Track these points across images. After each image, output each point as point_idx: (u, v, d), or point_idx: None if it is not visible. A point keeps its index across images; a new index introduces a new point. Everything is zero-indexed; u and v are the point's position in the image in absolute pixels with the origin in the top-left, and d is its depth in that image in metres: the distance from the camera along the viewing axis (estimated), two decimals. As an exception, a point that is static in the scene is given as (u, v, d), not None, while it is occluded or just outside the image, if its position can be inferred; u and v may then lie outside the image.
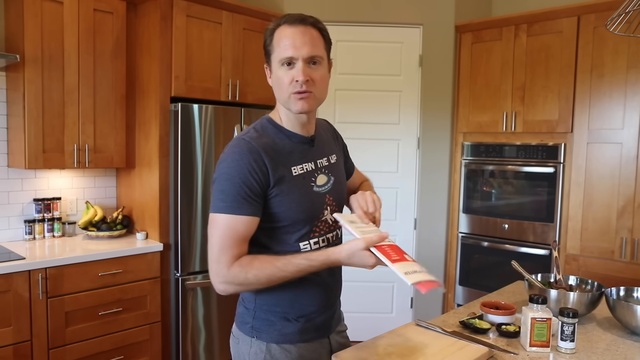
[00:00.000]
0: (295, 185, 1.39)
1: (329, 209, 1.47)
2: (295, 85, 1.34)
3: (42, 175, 3.20)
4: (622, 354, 1.53)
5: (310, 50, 1.34)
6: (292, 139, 1.44)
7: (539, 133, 3.47)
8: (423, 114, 3.87)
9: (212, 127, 3.21)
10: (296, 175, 1.40)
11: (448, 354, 1.42)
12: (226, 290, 1.35)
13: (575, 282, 2.00)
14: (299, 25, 1.35)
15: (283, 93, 1.37)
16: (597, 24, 3.17)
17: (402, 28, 3.84)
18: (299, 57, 1.33)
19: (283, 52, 1.34)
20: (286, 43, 1.34)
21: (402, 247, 1.38)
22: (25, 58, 2.78)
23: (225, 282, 1.34)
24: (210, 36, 3.28)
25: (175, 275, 3.18)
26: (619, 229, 3.12)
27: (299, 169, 1.41)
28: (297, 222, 1.40)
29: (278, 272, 1.32)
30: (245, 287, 1.37)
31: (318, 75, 1.37)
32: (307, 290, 1.45)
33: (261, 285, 1.35)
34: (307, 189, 1.41)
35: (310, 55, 1.34)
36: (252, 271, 1.32)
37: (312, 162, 1.46)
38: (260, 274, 1.32)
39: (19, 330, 2.57)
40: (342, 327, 1.63)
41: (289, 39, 1.34)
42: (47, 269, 2.64)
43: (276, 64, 1.37)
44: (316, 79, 1.36)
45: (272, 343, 1.44)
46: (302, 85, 1.33)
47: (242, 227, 1.33)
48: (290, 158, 1.41)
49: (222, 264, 1.33)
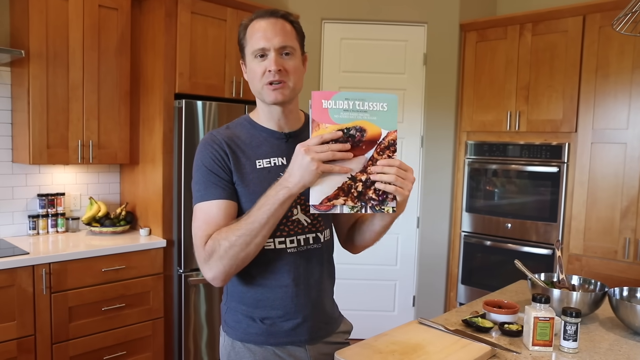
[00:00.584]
0: (257, 177, 1.37)
1: (299, 207, 1.40)
2: (268, 76, 1.33)
3: (46, 170, 3.21)
4: (624, 354, 1.53)
5: (282, 40, 1.34)
6: (263, 133, 1.43)
7: (543, 132, 3.47)
8: (427, 112, 3.87)
9: (215, 124, 3.22)
10: (260, 168, 1.38)
11: (451, 352, 1.42)
12: (213, 273, 1.29)
13: (578, 282, 2.00)
14: (270, 17, 1.36)
15: (256, 84, 1.37)
16: (603, 24, 3.16)
17: (406, 26, 3.83)
18: (271, 47, 1.33)
19: (255, 44, 1.34)
20: (258, 35, 1.34)
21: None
22: (30, 54, 2.79)
23: (206, 262, 1.29)
24: (214, 33, 3.28)
25: (178, 271, 3.19)
26: (622, 229, 3.12)
27: (264, 162, 1.39)
28: None
29: (245, 224, 1.25)
30: (224, 258, 1.27)
31: (291, 65, 1.35)
32: (271, 294, 1.41)
33: (239, 247, 1.25)
34: (270, 183, 1.28)
35: (282, 45, 1.34)
36: (220, 236, 1.27)
37: (284, 158, 1.40)
38: (228, 234, 1.26)
39: (23, 325, 2.58)
40: (335, 337, 1.53)
41: (260, 31, 1.34)
42: (50, 264, 2.65)
43: (249, 56, 1.37)
44: (289, 69, 1.35)
45: (237, 340, 1.44)
46: (274, 74, 1.32)
47: (215, 211, 1.32)
48: (257, 151, 1.40)
49: (200, 247, 1.31)
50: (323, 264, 1.48)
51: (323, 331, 1.49)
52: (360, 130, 1.23)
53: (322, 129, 1.22)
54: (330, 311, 1.53)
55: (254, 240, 1.26)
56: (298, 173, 1.20)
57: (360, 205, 1.23)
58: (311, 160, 1.17)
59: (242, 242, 1.25)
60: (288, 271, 1.40)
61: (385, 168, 1.21)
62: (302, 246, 1.42)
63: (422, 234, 3.93)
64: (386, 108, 1.23)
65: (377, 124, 1.23)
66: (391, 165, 1.21)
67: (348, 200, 1.23)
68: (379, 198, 1.23)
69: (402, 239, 3.93)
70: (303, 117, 1.52)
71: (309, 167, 1.18)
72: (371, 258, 3.86)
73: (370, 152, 1.23)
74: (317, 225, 1.44)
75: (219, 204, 1.33)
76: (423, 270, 3.95)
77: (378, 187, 1.22)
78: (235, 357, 1.44)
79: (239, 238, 1.25)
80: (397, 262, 3.97)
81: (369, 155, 1.23)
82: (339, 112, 1.23)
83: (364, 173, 1.23)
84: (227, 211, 1.33)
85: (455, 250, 3.93)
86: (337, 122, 1.23)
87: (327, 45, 3.83)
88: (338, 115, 1.23)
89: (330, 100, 1.22)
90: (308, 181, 1.19)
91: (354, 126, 1.22)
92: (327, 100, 1.22)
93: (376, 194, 1.23)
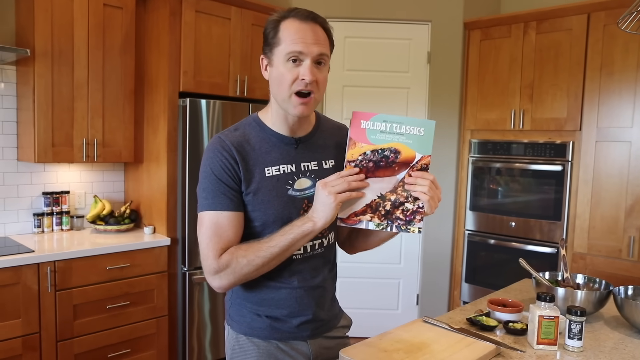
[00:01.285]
0: (266, 186, 1.34)
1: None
2: (299, 84, 1.28)
3: (51, 169, 3.22)
4: (630, 353, 1.53)
5: (320, 50, 1.28)
6: (273, 138, 1.39)
7: (547, 131, 3.46)
8: (431, 111, 3.87)
9: (220, 123, 3.22)
10: (269, 176, 1.35)
11: (455, 351, 1.42)
12: (221, 283, 1.32)
13: (582, 281, 2.00)
14: (310, 22, 1.29)
15: (283, 90, 1.30)
16: (607, 22, 3.15)
17: (410, 25, 3.83)
18: (309, 54, 1.27)
19: (292, 46, 1.27)
20: (295, 37, 1.27)
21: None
22: (35, 52, 2.79)
23: (217, 273, 1.31)
24: (219, 32, 3.28)
25: (182, 269, 3.20)
26: (627, 227, 3.11)
27: (273, 169, 1.36)
28: (267, 225, 1.35)
29: (265, 245, 1.28)
30: (237, 272, 1.30)
31: (322, 77, 1.31)
32: (276, 294, 1.41)
33: (254, 267, 1.29)
34: (280, 192, 1.35)
35: (320, 53, 1.28)
36: (239, 252, 1.29)
37: (294, 165, 1.39)
38: (247, 253, 1.29)
39: (28, 323, 2.59)
40: (335, 332, 1.55)
41: (299, 33, 1.27)
42: (55, 262, 2.66)
43: (281, 57, 1.29)
44: (320, 81, 1.30)
45: (242, 334, 1.45)
46: (307, 84, 1.27)
47: (226, 223, 1.31)
48: (267, 158, 1.36)
49: (211, 258, 1.31)
50: (327, 266, 1.50)
51: (324, 327, 1.51)
52: (394, 151, 1.29)
53: (357, 147, 1.30)
54: (332, 308, 1.55)
55: (270, 262, 1.31)
56: (321, 209, 1.26)
57: (386, 224, 1.30)
58: (328, 194, 1.25)
59: (260, 262, 1.30)
60: (294, 275, 1.41)
61: (419, 180, 1.28)
62: (308, 252, 1.42)
63: (426, 233, 3.93)
64: (422, 133, 1.29)
65: (412, 147, 1.29)
66: (425, 179, 1.28)
67: (375, 218, 1.30)
68: (406, 218, 1.31)
69: (406, 238, 3.93)
70: (314, 118, 1.48)
71: (327, 202, 1.25)
72: (375, 256, 3.85)
73: (402, 173, 1.30)
74: (323, 231, 1.43)
75: (229, 216, 1.32)
76: (427, 268, 3.95)
77: (408, 189, 1.28)
78: (239, 350, 1.46)
79: (257, 258, 1.29)
80: (400, 261, 3.97)
81: (401, 177, 1.30)
82: (375, 133, 1.30)
83: (394, 193, 1.30)
84: (236, 223, 1.33)
85: (459, 249, 3.93)
86: (373, 142, 1.30)
87: (331, 44, 3.82)
88: (375, 136, 1.30)
89: (369, 121, 1.30)
90: (331, 215, 1.26)
91: (388, 147, 1.29)
92: (366, 121, 1.31)
93: (404, 214, 1.30)
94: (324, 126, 1.50)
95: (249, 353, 1.44)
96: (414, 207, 1.29)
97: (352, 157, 1.30)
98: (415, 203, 1.29)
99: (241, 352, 1.45)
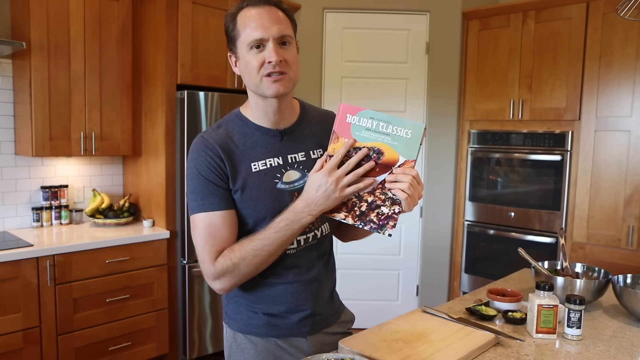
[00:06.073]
0: (254, 182, 1.32)
1: None
2: (267, 67, 1.25)
3: (49, 163, 3.21)
4: (628, 341, 1.53)
5: (280, 30, 1.26)
6: (256, 132, 1.36)
7: (546, 121, 3.45)
8: (429, 101, 3.86)
9: (218, 115, 3.21)
10: (256, 171, 1.33)
11: (455, 340, 1.42)
12: (222, 286, 1.31)
13: (581, 270, 2.00)
14: (264, 5, 1.28)
15: (253, 78, 1.28)
16: (607, 10, 3.14)
17: (408, 15, 3.81)
18: (269, 37, 1.25)
19: (251, 34, 1.25)
20: (253, 24, 1.25)
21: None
22: (31, 45, 2.78)
23: (216, 277, 1.29)
24: (216, 23, 3.27)
25: (182, 262, 3.20)
26: (626, 217, 3.11)
27: (260, 164, 1.33)
28: (259, 221, 1.33)
29: (259, 243, 1.27)
30: (236, 274, 1.29)
31: (290, 55, 1.28)
32: (272, 290, 1.39)
33: (252, 265, 1.28)
34: (268, 186, 1.32)
35: (281, 34, 1.26)
36: (234, 254, 1.28)
37: (280, 157, 1.36)
38: (243, 253, 1.27)
39: (28, 317, 2.59)
40: (336, 328, 1.52)
41: (255, 20, 1.26)
42: (55, 256, 2.66)
43: (244, 48, 1.28)
44: (289, 59, 1.27)
45: (239, 332, 1.44)
46: (275, 66, 1.25)
47: (220, 223, 1.30)
48: (252, 153, 1.34)
49: (208, 262, 1.29)
50: (322, 258, 1.48)
51: (324, 322, 1.49)
52: (377, 152, 1.23)
53: (340, 142, 1.23)
54: (332, 302, 1.53)
55: (269, 259, 1.30)
56: (322, 201, 1.22)
57: (359, 224, 1.25)
58: (335, 188, 1.21)
59: (258, 262, 1.28)
60: (288, 270, 1.39)
61: (400, 176, 1.21)
62: (302, 246, 1.40)
63: (426, 223, 3.93)
64: (410, 136, 1.22)
65: (397, 150, 1.22)
66: (407, 174, 1.21)
67: (349, 217, 1.25)
68: (379, 222, 1.24)
69: (406, 229, 3.93)
70: (298, 108, 1.45)
71: (333, 195, 1.21)
72: (374, 247, 3.87)
73: (383, 176, 1.23)
74: (315, 223, 1.41)
75: (221, 215, 1.30)
76: (426, 259, 3.96)
77: (389, 186, 1.22)
78: (237, 348, 1.44)
79: (255, 258, 1.27)
80: (400, 252, 3.97)
81: (380, 179, 1.23)
82: (360, 130, 1.23)
83: (371, 195, 1.24)
84: (229, 221, 1.31)
85: (459, 239, 3.93)
86: (357, 139, 1.23)
87: (329, 35, 3.81)
88: (359, 132, 1.23)
89: (355, 116, 1.23)
90: (330, 207, 1.23)
91: (372, 147, 1.22)
92: (352, 115, 1.23)
93: (378, 217, 1.24)
94: (310, 115, 1.46)
95: (247, 351, 1.42)
96: (390, 211, 1.22)
97: (333, 151, 1.24)
98: (392, 208, 1.22)
99: (239, 351, 1.44)
